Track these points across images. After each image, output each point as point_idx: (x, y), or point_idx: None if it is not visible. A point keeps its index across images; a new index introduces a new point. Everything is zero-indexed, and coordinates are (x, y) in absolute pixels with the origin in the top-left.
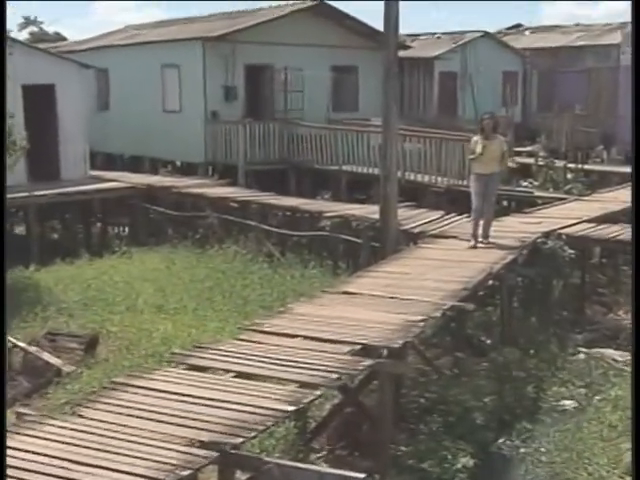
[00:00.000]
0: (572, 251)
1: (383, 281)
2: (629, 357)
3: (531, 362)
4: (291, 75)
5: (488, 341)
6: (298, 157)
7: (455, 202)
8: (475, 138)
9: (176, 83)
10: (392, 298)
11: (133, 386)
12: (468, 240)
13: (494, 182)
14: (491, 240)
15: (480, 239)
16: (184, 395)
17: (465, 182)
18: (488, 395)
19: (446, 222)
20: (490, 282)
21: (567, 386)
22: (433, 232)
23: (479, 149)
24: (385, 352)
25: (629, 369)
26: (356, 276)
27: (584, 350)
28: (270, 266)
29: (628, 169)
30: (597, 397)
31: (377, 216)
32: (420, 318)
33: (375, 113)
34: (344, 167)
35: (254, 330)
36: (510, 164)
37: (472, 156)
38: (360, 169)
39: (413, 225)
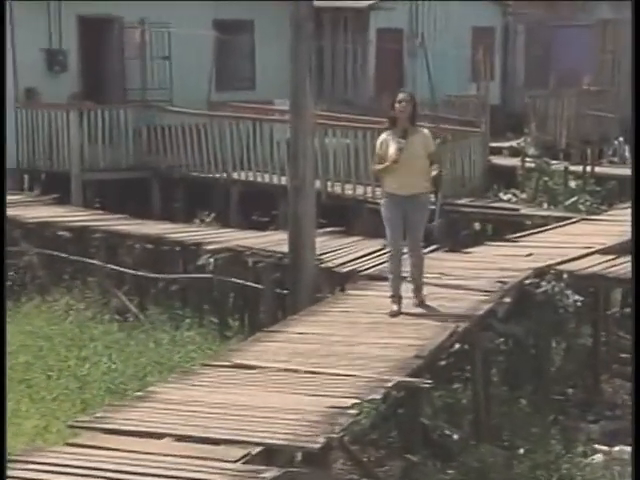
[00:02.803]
0: (579, 297)
1: (295, 347)
2: None
3: (521, 467)
4: (152, 34)
5: (455, 436)
6: (164, 160)
7: None
8: (384, 135)
9: None
10: (308, 373)
11: None
12: (426, 282)
13: (419, 208)
14: (458, 281)
15: (413, 301)
16: None
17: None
18: None
19: None
20: (456, 346)
21: None
22: (369, 272)
23: (392, 153)
24: (299, 456)
25: None
26: (254, 340)
27: (602, 448)
28: (122, 327)
29: None
30: None
31: (285, 248)
32: (351, 402)
33: (280, 93)
34: (235, 174)
35: (97, 429)
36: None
37: (379, 166)
38: (259, 177)
39: (340, 261)
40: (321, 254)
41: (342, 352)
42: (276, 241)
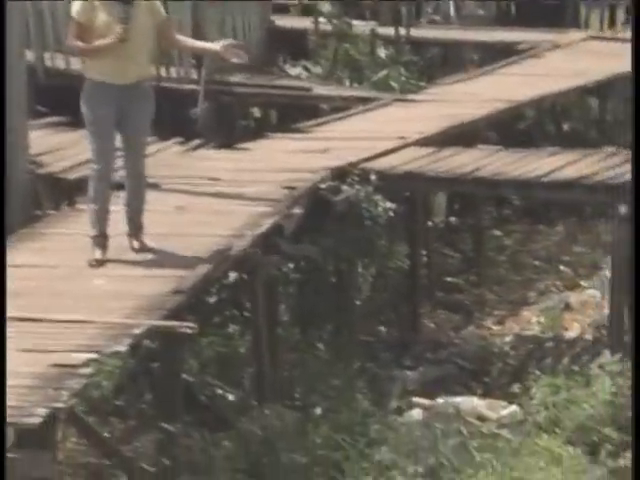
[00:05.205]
0: (391, 205)
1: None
2: (509, 409)
3: (319, 432)
4: None
5: (231, 396)
6: None
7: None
8: None
9: None
10: (23, 320)
11: None
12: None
13: (143, 103)
14: (231, 188)
15: (130, 244)
16: None
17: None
18: None
19: None
20: (231, 276)
21: (391, 475)
22: None
23: (106, 24)
24: (11, 436)
25: (511, 434)
26: None
27: (421, 402)
28: None
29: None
30: None
31: None
32: (85, 358)
33: None
34: None
35: None
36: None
37: (87, 45)
38: None
39: (66, 165)
40: (38, 155)
41: (70, 289)
42: None
